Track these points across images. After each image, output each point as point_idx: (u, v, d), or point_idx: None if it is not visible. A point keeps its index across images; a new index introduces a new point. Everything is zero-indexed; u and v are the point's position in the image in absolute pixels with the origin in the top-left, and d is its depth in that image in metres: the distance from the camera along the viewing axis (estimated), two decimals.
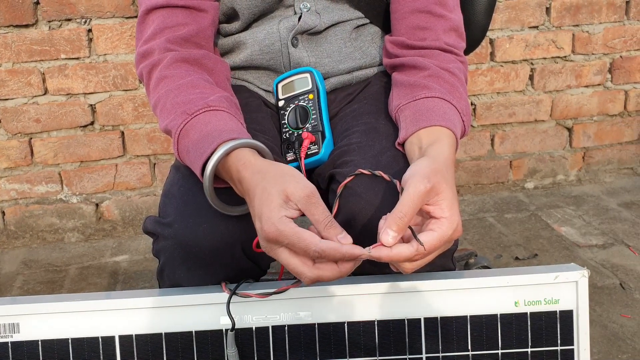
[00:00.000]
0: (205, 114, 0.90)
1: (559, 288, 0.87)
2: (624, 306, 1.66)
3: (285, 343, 0.86)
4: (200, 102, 0.91)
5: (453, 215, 0.78)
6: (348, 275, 0.79)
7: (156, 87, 0.97)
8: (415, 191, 0.77)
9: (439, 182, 0.79)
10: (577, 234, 2.06)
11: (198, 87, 0.95)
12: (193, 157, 0.88)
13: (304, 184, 0.79)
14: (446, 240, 0.78)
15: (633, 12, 2.31)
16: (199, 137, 0.88)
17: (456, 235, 0.80)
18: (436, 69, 0.99)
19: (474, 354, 0.87)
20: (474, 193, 2.39)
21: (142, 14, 1.02)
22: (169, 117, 0.93)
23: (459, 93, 0.98)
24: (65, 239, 2.17)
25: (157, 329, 0.86)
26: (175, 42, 0.99)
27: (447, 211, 0.78)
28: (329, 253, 0.75)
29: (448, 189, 0.79)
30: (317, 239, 0.75)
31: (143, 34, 1.01)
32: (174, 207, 0.91)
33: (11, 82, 2.02)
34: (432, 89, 0.96)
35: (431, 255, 0.79)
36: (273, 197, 0.78)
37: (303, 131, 1.04)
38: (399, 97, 0.99)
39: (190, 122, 0.90)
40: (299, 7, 1.08)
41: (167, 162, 2.18)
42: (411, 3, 1.03)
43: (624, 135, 2.45)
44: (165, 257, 0.91)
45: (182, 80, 0.96)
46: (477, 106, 2.31)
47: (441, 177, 0.79)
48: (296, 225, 0.77)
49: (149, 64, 0.99)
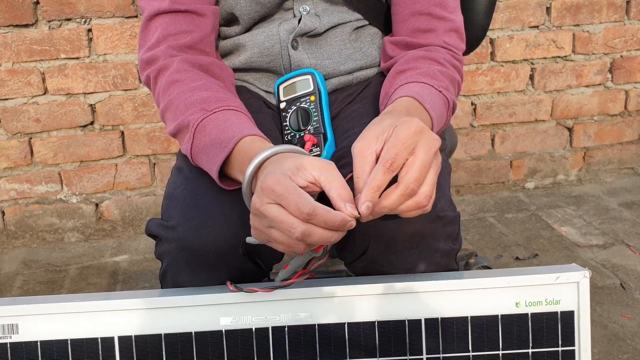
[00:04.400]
0: (225, 112, 0.90)
1: (560, 289, 0.87)
2: (624, 306, 1.66)
3: (285, 344, 0.86)
4: (218, 102, 0.91)
5: (401, 125, 0.74)
6: (337, 240, 0.75)
7: (166, 91, 0.96)
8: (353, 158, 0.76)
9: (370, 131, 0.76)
10: (577, 234, 2.06)
11: (212, 90, 0.94)
12: (212, 152, 0.87)
13: (323, 159, 0.77)
14: (404, 137, 0.74)
15: (633, 12, 2.30)
16: (218, 132, 0.87)
17: (412, 127, 0.74)
18: (413, 64, 0.99)
19: (475, 354, 0.87)
20: (474, 193, 2.39)
21: (145, 20, 1.02)
22: (183, 115, 0.92)
23: (431, 73, 0.96)
24: (65, 239, 2.17)
25: (157, 329, 0.86)
26: (179, 49, 0.99)
27: (391, 129, 0.75)
28: (320, 212, 0.71)
29: (383, 123, 0.76)
30: (312, 199, 0.72)
31: (146, 41, 1.01)
32: (178, 210, 0.91)
33: (11, 82, 2.02)
34: (398, 81, 0.95)
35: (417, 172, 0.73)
36: (286, 164, 0.76)
37: (305, 133, 1.04)
38: (381, 105, 0.99)
39: (209, 117, 0.89)
40: (298, 10, 1.08)
41: (167, 162, 2.18)
42: (412, 5, 1.04)
43: (625, 135, 2.45)
44: (169, 259, 0.91)
45: (195, 83, 0.95)
46: (478, 106, 2.31)
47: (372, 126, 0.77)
48: (296, 185, 0.73)
49: (155, 69, 0.98)
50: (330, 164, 0.76)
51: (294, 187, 0.73)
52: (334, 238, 0.74)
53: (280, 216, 0.73)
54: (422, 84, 0.94)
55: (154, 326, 0.86)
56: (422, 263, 0.90)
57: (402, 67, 1.00)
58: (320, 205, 0.72)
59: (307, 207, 0.71)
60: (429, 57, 1.00)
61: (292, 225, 0.72)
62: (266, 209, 0.74)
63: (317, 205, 0.71)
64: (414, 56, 1.01)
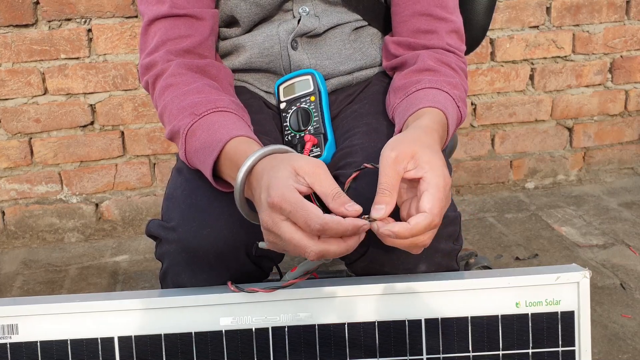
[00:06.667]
0: (213, 114, 0.90)
1: (561, 289, 0.87)
2: (624, 306, 1.66)
3: (285, 344, 0.86)
4: (207, 104, 0.91)
5: (434, 168, 0.77)
6: (354, 249, 0.77)
7: (161, 95, 0.97)
8: (384, 162, 0.77)
9: (408, 146, 0.78)
10: (577, 234, 2.06)
11: (203, 92, 0.95)
12: (202, 156, 0.88)
13: (313, 159, 0.78)
14: (442, 190, 0.76)
15: (633, 12, 2.30)
16: (207, 136, 0.88)
17: (447, 181, 0.77)
18: (433, 64, 0.99)
19: (475, 354, 0.87)
20: (474, 193, 2.39)
21: (145, 25, 1.02)
22: (175, 120, 0.92)
23: (453, 82, 0.98)
24: (65, 239, 2.17)
25: (157, 330, 0.86)
26: (177, 54, 0.99)
27: (426, 165, 0.77)
28: (331, 226, 0.73)
29: (423, 149, 0.78)
30: (321, 212, 0.73)
31: (146, 46, 1.01)
32: (178, 211, 0.91)
33: (11, 82, 2.02)
34: (422, 82, 0.96)
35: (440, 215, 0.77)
36: (282, 171, 0.76)
37: (305, 134, 1.04)
38: (394, 98, 1.00)
39: (197, 122, 0.90)
40: (298, 11, 1.08)
41: (167, 162, 2.18)
42: (412, 6, 1.04)
43: (625, 135, 2.45)
44: (169, 260, 0.91)
45: (188, 87, 0.95)
46: (478, 106, 2.31)
47: (411, 142, 0.79)
48: (302, 197, 0.75)
49: (153, 75, 0.99)
50: (320, 166, 0.77)
51: (301, 202, 0.73)
52: (350, 246, 0.75)
53: (293, 239, 0.74)
54: (447, 95, 0.94)
55: (154, 326, 0.86)
56: (423, 263, 0.90)
57: (420, 66, 1.00)
58: (330, 218, 0.73)
59: (316, 223, 0.72)
60: (442, 60, 1.01)
61: (306, 247, 0.74)
62: (279, 228, 0.75)
63: (326, 220, 0.72)
64: (429, 57, 1.01)
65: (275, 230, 0.75)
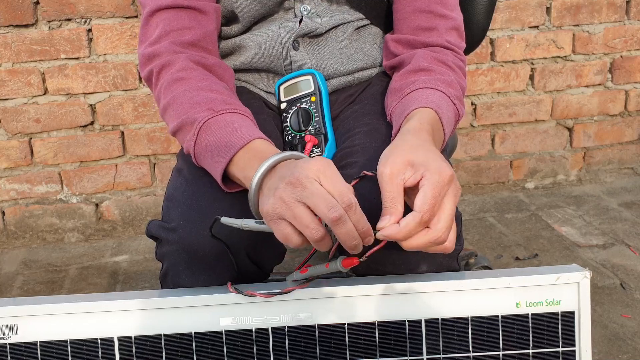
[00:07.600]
0: (232, 114, 0.90)
1: (561, 289, 0.87)
2: (624, 306, 1.66)
3: (285, 344, 0.86)
4: (225, 104, 0.91)
5: (428, 167, 0.77)
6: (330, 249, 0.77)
7: (169, 88, 0.95)
8: (381, 179, 0.78)
9: (399, 157, 0.78)
10: (577, 234, 2.06)
11: (219, 92, 0.94)
12: (216, 150, 0.87)
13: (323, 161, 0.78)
14: (436, 185, 0.76)
15: (633, 12, 2.30)
16: (225, 132, 0.87)
17: (444, 176, 0.77)
18: (427, 64, 0.99)
19: (475, 355, 0.87)
20: (474, 193, 2.39)
21: (146, 16, 1.01)
22: (188, 112, 0.91)
23: (448, 80, 0.98)
24: (65, 239, 2.17)
25: (157, 330, 0.86)
26: (182, 46, 0.98)
27: (421, 167, 0.77)
28: (358, 209, 0.73)
29: (415, 153, 0.79)
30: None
31: (148, 36, 1.00)
32: (178, 212, 0.91)
33: (11, 82, 2.02)
34: (416, 82, 0.96)
35: (445, 213, 0.77)
36: (304, 164, 0.77)
37: (306, 134, 1.04)
38: (391, 101, 1.00)
39: (215, 117, 0.89)
40: (299, 9, 1.07)
41: (167, 162, 2.18)
42: (412, 3, 1.04)
43: (625, 135, 2.45)
44: (169, 261, 0.91)
45: (201, 83, 0.95)
46: (478, 106, 2.31)
47: (401, 151, 0.79)
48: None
49: (158, 65, 0.97)
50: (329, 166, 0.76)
51: (339, 174, 0.75)
52: (353, 243, 0.75)
53: (322, 192, 0.73)
54: (441, 94, 0.94)
55: (153, 327, 0.86)
56: (424, 263, 0.90)
57: (414, 66, 1.00)
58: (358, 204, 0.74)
59: (347, 196, 0.73)
60: (438, 58, 1.01)
61: (333, 204, 0.72)
62: (311, 182, 0.74)
63: (356, 201, 0.73)
64: (424, 56, 1.01)
65: (304, 183, 0.74)
